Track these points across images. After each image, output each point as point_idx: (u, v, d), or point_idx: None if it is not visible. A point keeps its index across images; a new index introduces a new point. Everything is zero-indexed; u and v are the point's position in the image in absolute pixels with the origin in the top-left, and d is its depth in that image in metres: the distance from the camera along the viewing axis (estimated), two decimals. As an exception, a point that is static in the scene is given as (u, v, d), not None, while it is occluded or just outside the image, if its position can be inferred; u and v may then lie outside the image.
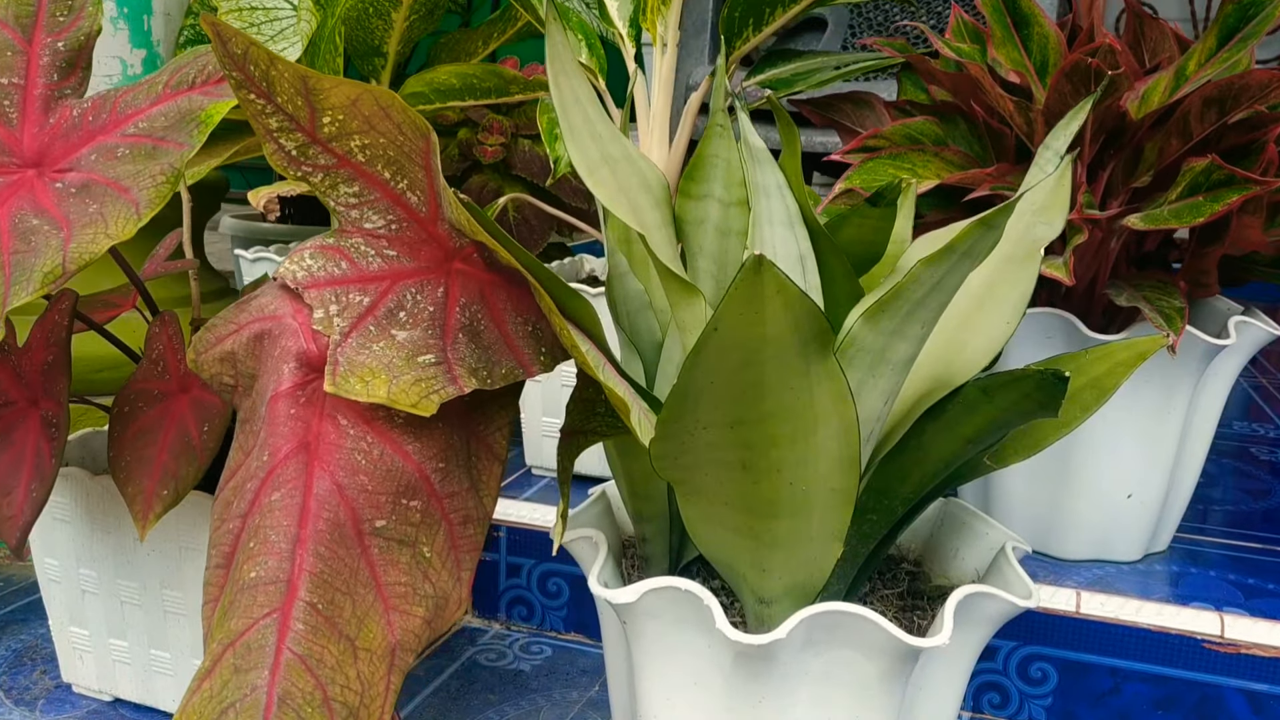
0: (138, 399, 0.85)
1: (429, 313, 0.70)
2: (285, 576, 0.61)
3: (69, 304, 0.81)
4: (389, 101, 0.66)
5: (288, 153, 0.71)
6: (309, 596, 0.62)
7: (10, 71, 0.74)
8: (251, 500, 0.64)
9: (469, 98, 1.16)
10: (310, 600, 0.62)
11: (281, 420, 0.65)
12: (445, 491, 0.68)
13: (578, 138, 0.68)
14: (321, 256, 0.71)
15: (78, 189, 0.70)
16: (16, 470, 0.80)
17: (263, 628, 0.62)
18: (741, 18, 1.12)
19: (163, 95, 0.74)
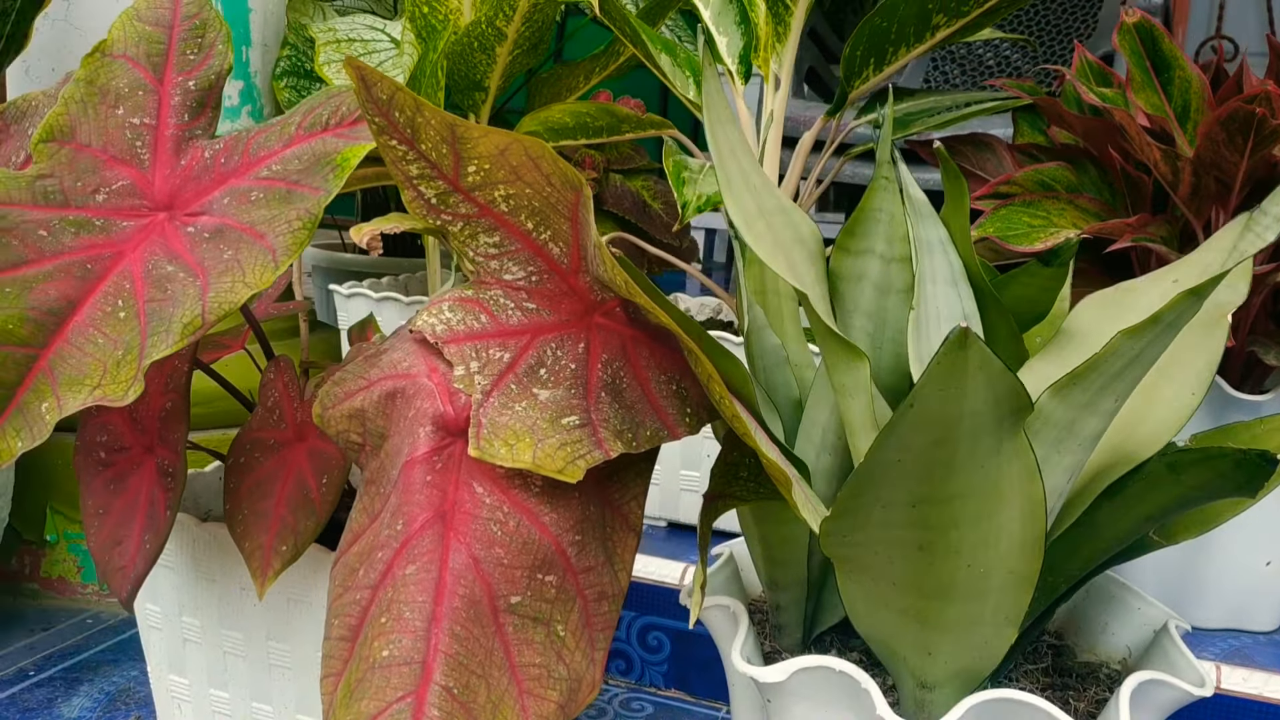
0: (253, 448, 0.82)
1: (571, 370, 0.67)
2: (420, 658, 0.58)
3: (190, 349, 0.79)
4: (539, 152, 0.63)
5: (427, 200, 0.68)
6: (444, 680, 0.58)
7: (142, 112, 0.72)
8: (383, 571, 0.60)
9: (581, 136, 1.14)
10: (446, 685, 0.58)
11: (417, 488, 0.62)
12: (581, 566, 0.64)
13: (734, 190, 0.65)
14: (461, 309, 0.68)
15: (211, 234, 0.68)
16: (129, 520, 0.78)
17: (396, 713, 0.58)
18: (863, 57, 1.08)
19: (296, 137, 0.72)
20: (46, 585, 1.31)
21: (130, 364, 0.61)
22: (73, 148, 0.70)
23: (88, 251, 0.66)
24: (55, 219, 0.66)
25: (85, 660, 1.16)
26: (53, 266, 0.64)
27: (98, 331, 0.63)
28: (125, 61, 0.73)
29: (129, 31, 0.75)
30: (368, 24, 1.48)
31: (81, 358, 0.62)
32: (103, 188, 0.69)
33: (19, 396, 0.60)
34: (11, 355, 0.60)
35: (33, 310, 0.62)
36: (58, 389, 0.60)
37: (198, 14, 0.77)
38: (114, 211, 0.69)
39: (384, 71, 1.35)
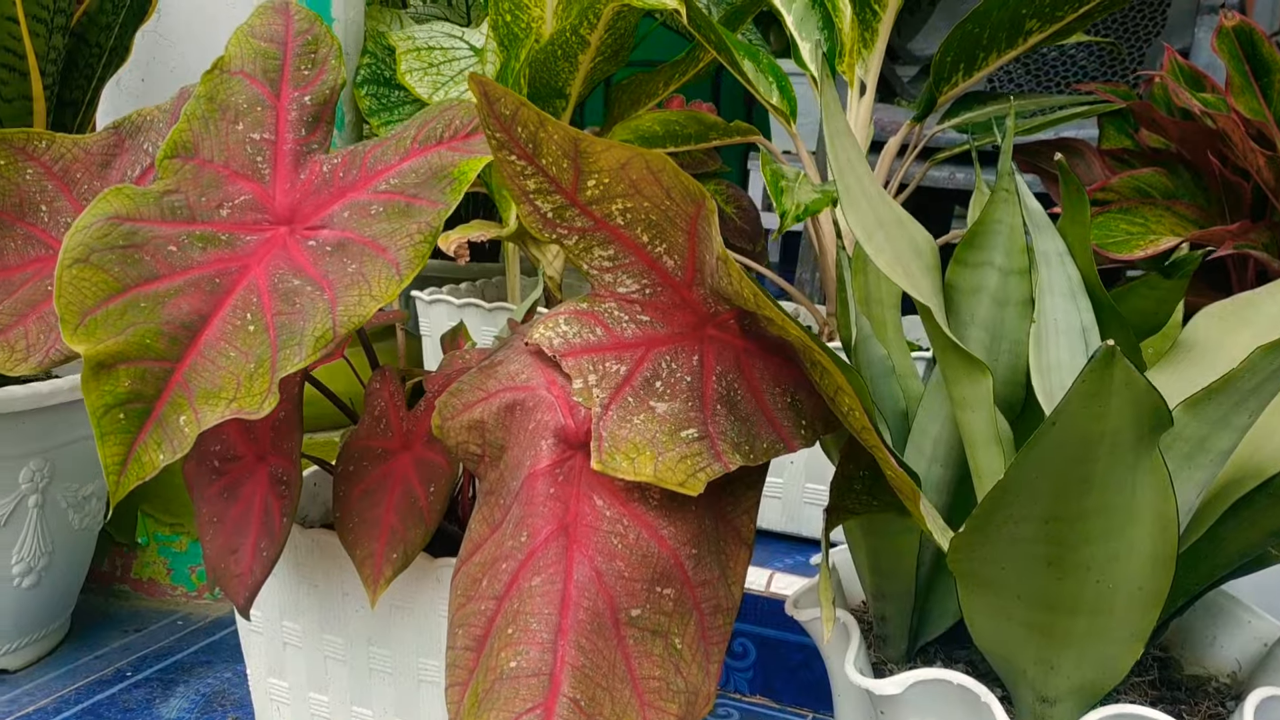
0: (361, 457, 0.83)
1: (686, 383, 0.67)
2: (547, 669, 0.58)
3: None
4: (660, 165, 0.63)
5: (543, 215, 0.69)
6: (571, 692, 0.59)
7: (261, 127, 0.73)
8: (508, 582, 0.61)
9: (670, 144, 1.14)
10: (573, 696, 0.59)
11: (540, 500, 0.63)
12: (698, 579, 0.64)
13: (854, 201, 0.65)
14: (577, 322, 0.69)
15: (333, 247, 0.69)
16: (244, 528, 0.79)
17: (524, 724, 0.59)
18: (953, 63, 1.07)
19: (412, 151, 0.73)
20: (137, 587, 1.34)
21: (263, 377, 0.63)
22: (196, 163, 0.72)
23: (215, 266, 0.67)
24: (183, 234, 0.68)
25: (179, 661, 1.18)
26: (183, 281, 0.66)
27: (229, 345, 0.64)
28: (243, 78, 0.75)
29: (245, 48, 0.76)
30: (446, 32, 1.50)
31: (215, 371, 0.63)
32: (226, 202, 0.71)
33: (158, 410, 0.61)
34: (150, 369, 0.62)
35: (167, 325, 0.63)
36: (194, 402, 0.62)
37: (310, 29, 0.78)
38: (237, 226, 0.70)
39: (464, 78, 1.37)
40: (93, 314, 0.63)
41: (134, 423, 0.61)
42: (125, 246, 0.66)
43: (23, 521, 1.07)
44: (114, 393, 0.60)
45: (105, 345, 0.61)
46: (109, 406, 0.60)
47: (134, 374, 0.61)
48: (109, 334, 0.62)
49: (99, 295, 0.63)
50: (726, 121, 1.18)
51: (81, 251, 0.64)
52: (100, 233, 0.66)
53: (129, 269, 0.65)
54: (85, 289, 0.63)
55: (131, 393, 0.61)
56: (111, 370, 0.61)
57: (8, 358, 0.77)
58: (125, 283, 0.64)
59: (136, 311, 0.63)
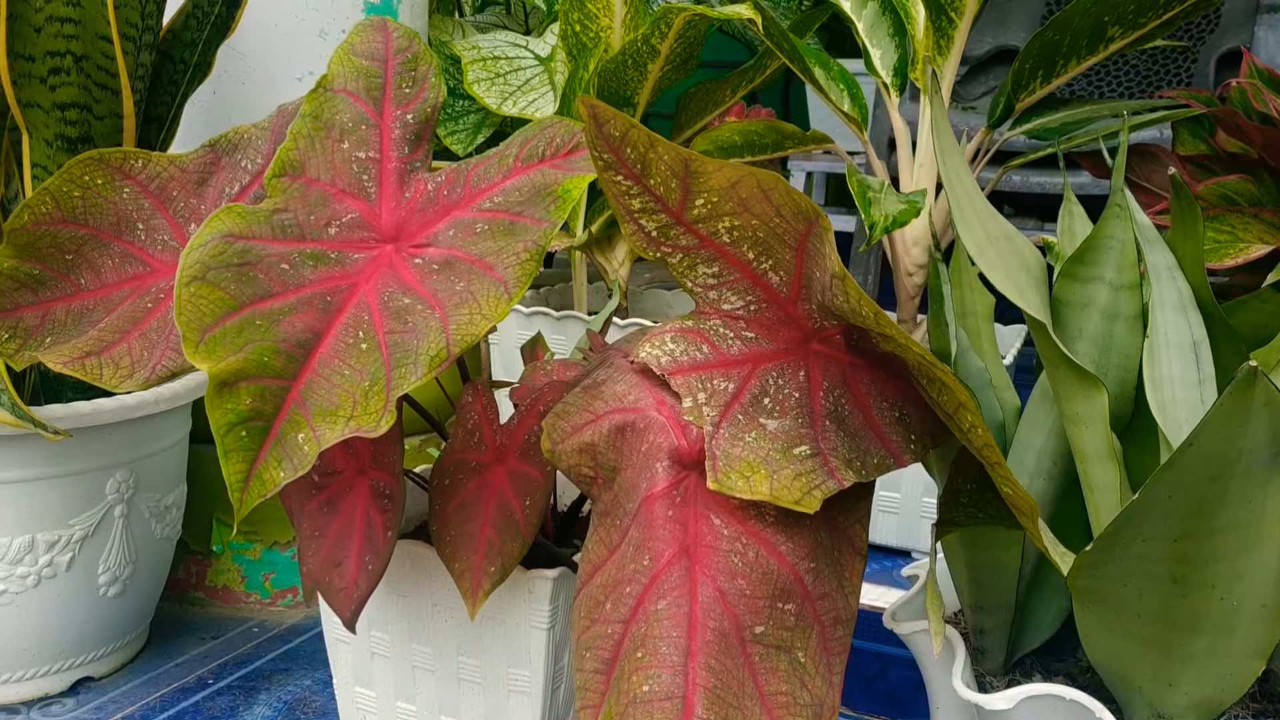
0: (456, 470, 0.84)
1: (795, 399, 0.67)
2: (680, 692, 0.59)
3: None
4: (771, 184, 0.64)
5: (647, 233, 0.69)
6: (705, 714, 0.59)
7: (367, 145, 0.74)
8: (633, 606, 0.61)
9: (747, 154, 1.14)
10: (706, 718, 0.59)
11: (660, 523, 0.63)
12: (817, 593, 0.64)
13: (966, 218, 0.65)
14: (683, 340, 0.69)
15: (440, 265, 0.69)
16: (346, 541, 0.80)
17: (661, 747, 0.59)
18: (1031, 70, 1.07)
19: (514, 169, 0.73)
20: (212, 594, 1.35)
21: (378, 395, 0.63)
22: (303, 182, 0.72)
23: (326, 284, 0.68)
24: (294, 252, 0.69)
25: (259, 669, 1.20)
26: (296, 299, 0.67)
27: (343, 363, 0.65)
28: (346, 96, 0.76)
29: (347, 66, 0.77)
30: (510, 41, 1.50)
31: (330, 389, 0.64)
32: (334, 221, 0.71)
33: (277, 427, 0.62)
34: (269, 387, 0.63)
35: (283, 342, 0.64)
36: (311, 420, 0.62)
37: (409, 47, 0.78)
38: (345, 244, 0.71)
39: (532, 88, 1.37)
40: (211, 331, 0.63)
41: (255, 440, 0.61)
42: (240, 265, 0.66)
43: (109, 532, 1.09)
44: (236, 410, 0.61)
45: (227, 363, 0.62)
46: (232, 424, 0.61)
47: (254, 391, 0.62)
48: (228, 351, 0.63)
49: (216, 313, 0.64)
50: (801, 130, 1.19)
51: (198, 270, 0.65)
52: (215, 251, 0.66)
53: (244, 287, 0.66)
54: (203, 306, 0.64)
55: (252, 410, 0.62)
56: (234, 388, 0.61)
57: (113, 374, 0.78)
58: (241, 300, 0.65)
59: (253, 329, 0.64)
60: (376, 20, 0.80)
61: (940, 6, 1.08)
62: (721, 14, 1.11)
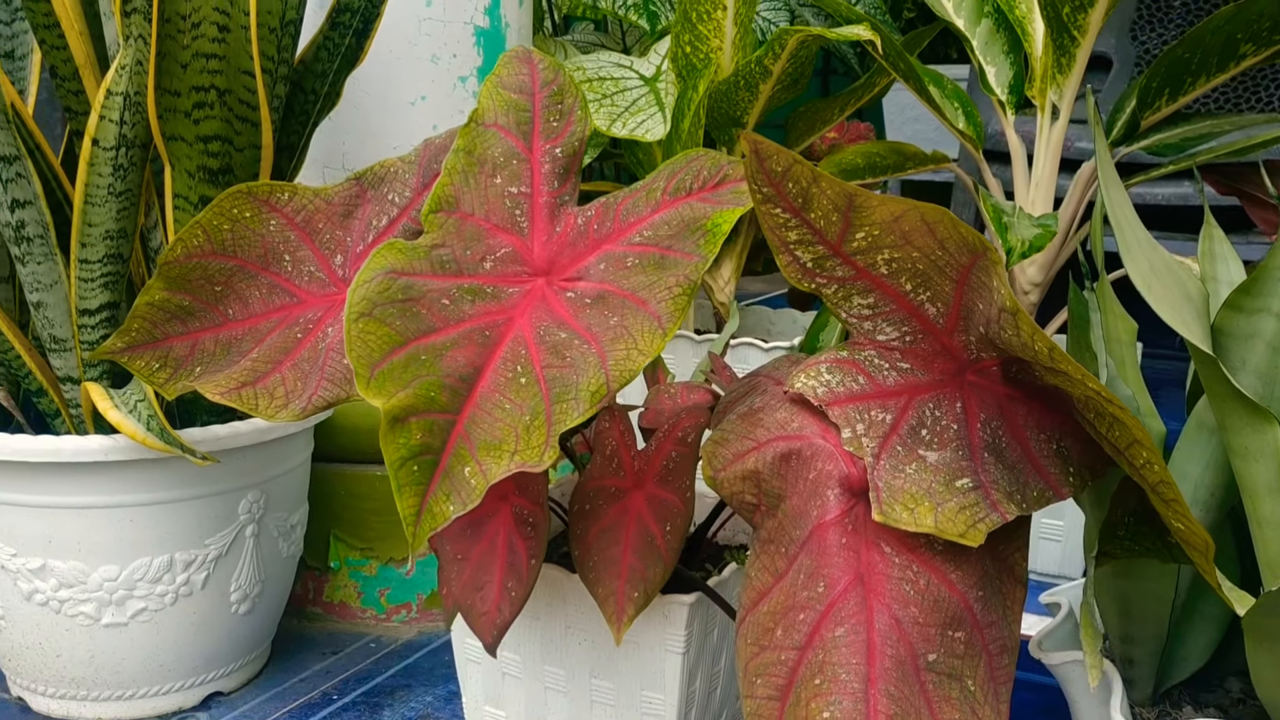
0: (596, 496, 0.85)
1: (953, 430, 0.67)
2: (861, 718, 0.59)
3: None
4: (936, 218, 0.64)
5: (803, 264, 0.69)
6: (882, 740, 0.59)
7: (518, 180, 0.75)
8: (809, 633, 0.62)
9: (869, 175, 1.14)
10: (885, 744, 0.59)
11: (834, 550, 0.63)
12: (985, 621, 0.64)
13: (1132, 251, 0.64)
14: (839, 371, 0.69)
15: (593, 299, 0.70)
16: (489, 566, 0.81)
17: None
18: (1158, 88, 1.05)
19: (662, 202, 0.74)
20: (329, 609, 1.38)
21: (539, 429, 0.64)
22: (458, 217, 0.74)
23: (484, 318, 0.69)
24: (453, 287, 0.70)
25: (380, 685, 1.22)
26: (457, 334, 0.68)
27: (503, 397, 0.66)
28: (497, 130, 0.77)
29: (497, 100, 0.78)
30: (615, 62, 1.52)
31: (492, 423, 0.65)
32: (489, 256, 0.73)
33: (444, 461, 0.63)
34: (436, 422, 0.64)
35: (447, 377, 0.66)
36: (476, 453, 0.64)
37: (555, 80, 0.80)
38: (500, 278, 0.72)
39: (640, 109, 1.38)
40: (380, 366, 0.65)
41: (425, 474, 0.63)
42: (403, 300, 0.68)
43: (241, 550, 1.12)
44: (408, 445, 0.62)
45: (397, 399, 0.63)
46: (404, 459, 0.62)
47: (423, 426, 0.63)
48: (397, 386, 0.64)
49: (384, 348, 0.66)
50: (923, 151, 1.18)
51: (365, 306, 0.67)
52: (380, 287, 0.68)
53: (408, 322, 0.67)
54: (371, 342, 0.66)
55: (422, 445, 0.63)
56: (404, 423, 0.63)
57: (268, 404, 0.80)
58: (405, 336, 0.67)
59: (418, 365, 0.66)
60: (521, 52, 0.81)
61: (1062, 25, 1.07)
62: (838, 35, 1.11)
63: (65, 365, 1.06)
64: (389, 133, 1.39)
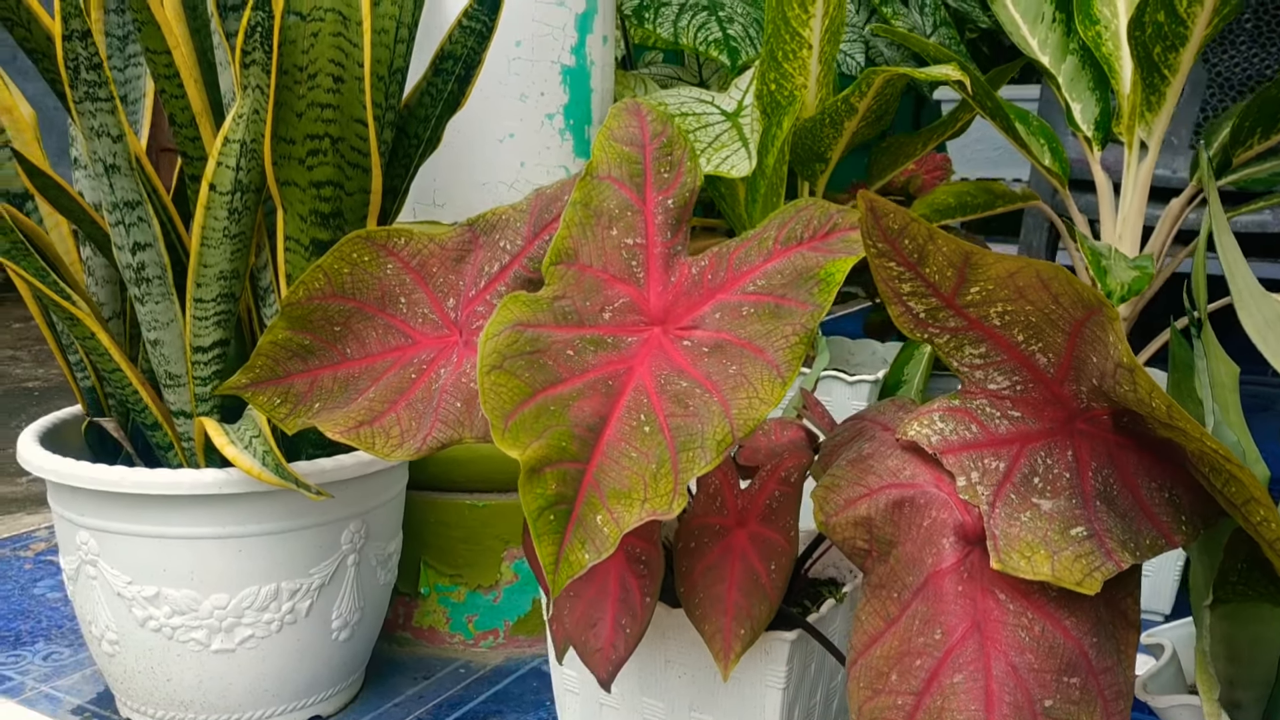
0: (701, 534, 0.87)
1: (1065, 479, 0.69)
2: (981, 764, 0.60)
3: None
4: (1051, 274, 0.65)
5: (915, 315, 0.71)
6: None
7: (633, 232, 0.78)
8: (926, 679, 0.63)
9: (959, 215, 1.16)
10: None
11: (950, 598, 0.65)
12: (1100, 666, 0.66)
13: (1244, 302, 0.65)
14: (952, 419, 0.71)
15: (710, 348, 0.73)
16: (601, 602, 0.84)
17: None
18: (1250, 127, 1.06)
19: (774, 252, 0.76)
20: (418, 634, 1.41)
21: (666, 478, 0.67)
22: (577, 268, 0.76)
23: (606, 368, 0.72)
24: (576, 338, 0.73)
25: (473, 711, 1.25)
26: (582, 384, 0.71)
27: (629, 445, 0.68)
28: (611, 183, 0.80)
29: (609, 152, 0.81)
30: (696, 97, 1.54)
31: (620, 472, 0.67)
32: (607, 306, 0.75)
33: (577, 510, 0.66)
34: (568, 471, 0.66)
35: (575, 427, 0.68)
36: (607, 502, 0.66)
37: (664, 131, 0.82)
38: (619, 328, 0.74)
39: (724, 145, 1.40)
40: (513, 417, 0.68)
41: (560, 523, 0.65)
42: (531, 352, 0.71)
43: (343, 579, 1.15)
44: (544, 495, 0.65)
45: (532, 449, 0.66)
46: (541, 509, 0.65)
47: (557, 476, 0.66)
48: (530, 437, 0.67)
49: (515, 400, 0.68)
50: (1013, 190, 1.20)
51: (496, 359, 0.70)
52: (509, 340, 0.71)
53: (536, 374, 0.70)
54: (503, 394, 0.68)
55: (557, 495, 0.65)
56: (540, 474, 0.65)
57: (384, 443, 0.83)
58: (534, 387, 0.69)
59: (548, 415, 0.68)
60: (630, 104, 0.84)
61: (1153, 64, 1.08)
62: (927, 75, 1.13)
63: (179, 400, 1.10)
64: (477, 170, 1.43)
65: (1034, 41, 1.25)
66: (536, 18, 1.41)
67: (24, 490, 2.08)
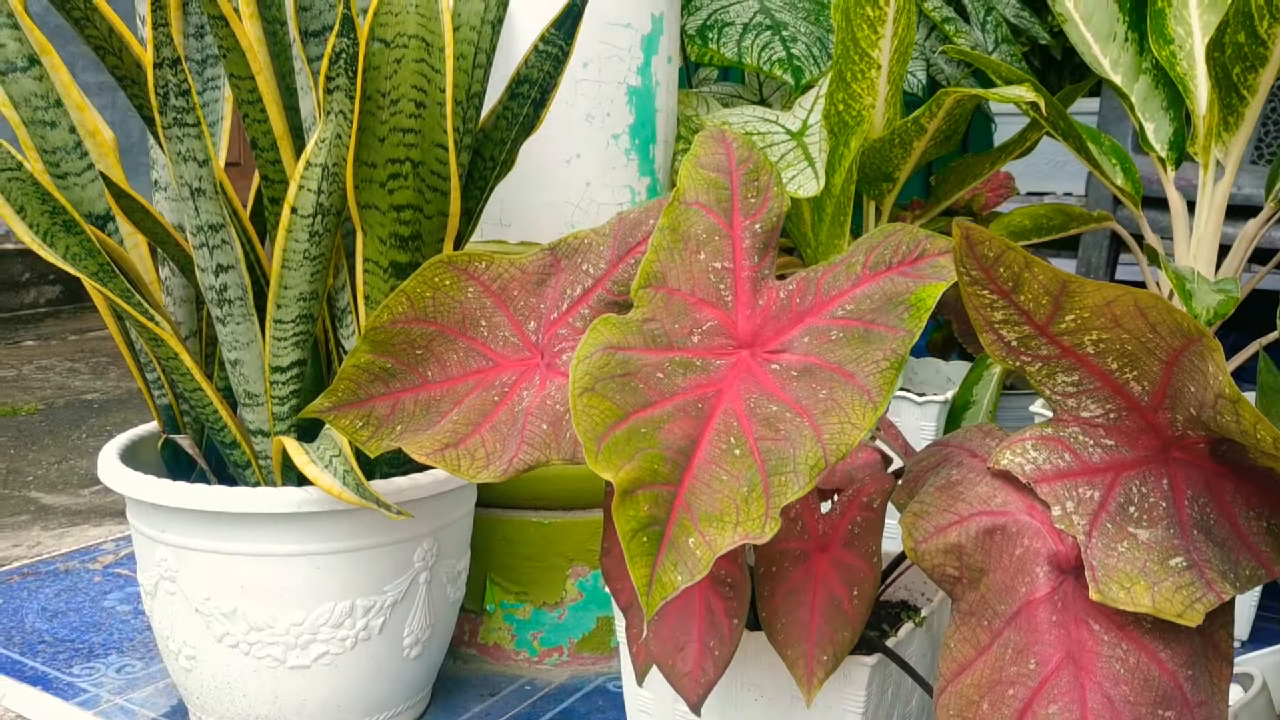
0: (781, 559, 0.87)
1: (1161, 508, 0.68)
2: (1080, 795, 0.60)
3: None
4: (1149, 303, 0.65)
5: (1006, 343, 0.71)
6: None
7: (721, 256, 0.78)
8: (1020, 709, 0.63)
9: (1034, 236, 1.16)
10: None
11: (1044, 628, 0.65)
12: (1195, 700, 0.65)
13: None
14: (1045, 448, 0.71)
15: (799, 372, 0.73)
16: (686, 625, 0.84)
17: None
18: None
19: (863, 276, 0.76)
20: (483, 650, 1.42)
21: (757, 501, 0.67)
22: (666, 291, 0.77)
23: (696, 391, 0.72)
24: (665, 361, 0.73)
25: (541, 729, 1.25)
26: (672, 407, 0.71)
27: (719, 469, 0.68)
28: (698, 208, 0.80)
29: (696, 178, 0.81)
30: (760, 116, 1.55)
31: (711, 494, 0.67)
32: (696, 329, 0.76)
33: (669, 532, 0.66)
34: (660, 493, 0.67)
35: (666, 449, 0.69)
36: (698, 524, 0.66)
37: (750, 157, 0.83)
38: (707, 351, 0.75)
39: (788, 163, 1.41)
40: (605, 440, 0.68)
41: (653, 545, 0.66)
42: (622, 375, 0.71)
43: (415, 597, 1.16)
44: (637, 517, 0.65)
45: (625, 472, 0.66)
46: (635, 531, 0.65)
47: (649, 498, 0.66)
48: (622, 459, 0.67)
49: (607, 422, 0.69)
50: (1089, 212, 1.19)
51: (588, 381, 0.70)
52: (600, 362, 0.71)
53: (627, 396, 0.70)
54: (595, 416, 0.69)
55: (649, 516, 0.66)
56: (633, 495, 0.66)
57: (470, 465, 0.84)
58: (625, 409, 0.70)
59: (639, 438, 0.69)
60: (715, 131, 0.85)
61: (1231, 84, 1.07)
62: (1000, 96, 1.13)
63: (257, 419, 1.12)
64: (543, 190, 1.44)
65: (1105, 61, 1.25)
66: (603, 39, 1.42)
67: (87, 502, 2.11)
